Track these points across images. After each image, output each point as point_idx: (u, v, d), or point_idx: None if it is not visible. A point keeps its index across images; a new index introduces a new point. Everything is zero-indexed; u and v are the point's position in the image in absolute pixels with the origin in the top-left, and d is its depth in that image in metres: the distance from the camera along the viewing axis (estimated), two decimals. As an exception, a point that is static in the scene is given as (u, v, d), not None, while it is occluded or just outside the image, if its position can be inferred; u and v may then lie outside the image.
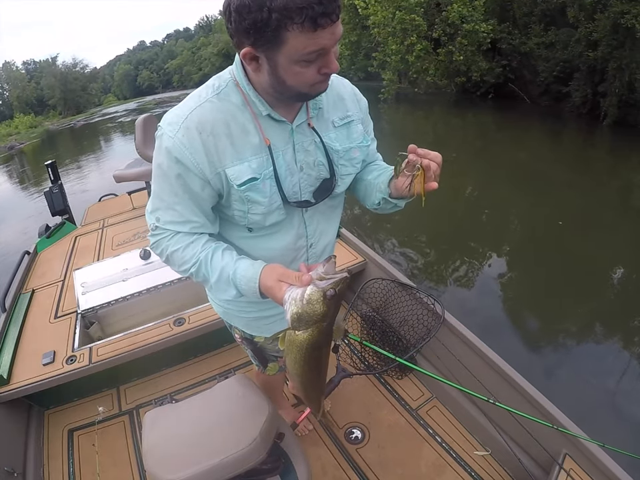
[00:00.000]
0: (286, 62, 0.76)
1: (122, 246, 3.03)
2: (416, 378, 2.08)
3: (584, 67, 10.68)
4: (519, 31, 13.10)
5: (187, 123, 0.86)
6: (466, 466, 1.68)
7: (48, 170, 3.75)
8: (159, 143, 0.89)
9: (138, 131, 3.44)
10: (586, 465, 1.39)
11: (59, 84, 42.65)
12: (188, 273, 0.94)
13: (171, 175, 0.89)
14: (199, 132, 0.85)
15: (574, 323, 3.72)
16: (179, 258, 0.93)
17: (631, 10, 8.60)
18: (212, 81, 0.93)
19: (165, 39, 76.79)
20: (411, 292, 2.16)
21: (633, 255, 4.68)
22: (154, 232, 0.95)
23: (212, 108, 0.87)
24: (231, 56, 7.78)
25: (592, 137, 10.10)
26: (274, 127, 0.91)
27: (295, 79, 0.79)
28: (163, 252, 0.95)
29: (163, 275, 2.42)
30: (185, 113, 0.87)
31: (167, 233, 0.94)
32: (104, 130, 23.28)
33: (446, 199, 6.26)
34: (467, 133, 11.57)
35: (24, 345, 2.13)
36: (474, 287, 4.28)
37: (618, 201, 6.30)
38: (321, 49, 0.74)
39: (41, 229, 3.49)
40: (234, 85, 0.89)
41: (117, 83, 69.54)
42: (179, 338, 2.03)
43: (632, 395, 2.84)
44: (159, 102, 34.64)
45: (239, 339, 1.31)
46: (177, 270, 0.97)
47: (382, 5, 13.88)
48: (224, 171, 0.88)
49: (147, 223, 0.97)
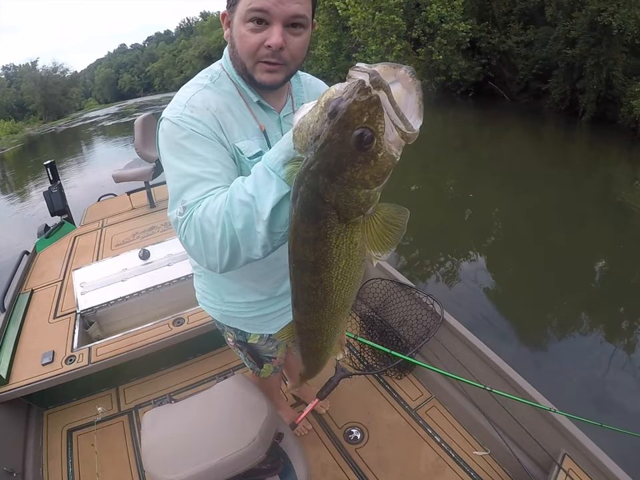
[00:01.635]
0: (238, 21, 0.81)
1: (121, 246, 3.03)
2: (415, 378, 2.08)
3: (562, 64, 10.87)
4: (498, 29, 13.30)
5: (192, 102, 0.86)
6: (465, 466, 1.68)
7: (47, 170, 3.74)
8: (166, 130, 0.85)
9: (137, 131, 3.44)
10: (585, 465, 1.39)
11: (39, 89, 41.96)
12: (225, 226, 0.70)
13: (187, 145, 0.82)
14: (206, 108, 0.87)
15: (559, 313, 3.82)
16: (210, 212, 0.72)
17: (607, 8, 8.77)
18: (204, 73, 0.95)
19: (145, 42, 76.37)
20: (410, 292, 2.16)
21: (613, 246, 4.86)
22: (183, 215, 0.77)
23: (212, 92, 0.90)
24: (212, 58, 7.77)
25: (571, 132, 10.26)
26: (264, 114, 0.95)
27: (240, 42, 0.83)
28: (195, 225, 0.74)
29: (162, 275, 2.42)
30: (186, 97, 0.88)
31: (196, 205, 0.77)
32: (85, 135, 22.95)
33: (427, 197, 6.37)
34: (448, 131, 11.71)
35: (23, 344, 2.13)
36: (458, 282, 4.35)
37: (598, 194, 6.42)
38: (262, 10, 0.77)
39: (40, 228, 3.49)
40: (225, 75, 0.93)
41: (98, 87, 69.13)
42: (178, 338, 2.03)
43: (617, 379, 2.95)
44: (141, 105, 34.42)
45: (232, 342, 1.31)
46: (214, 243, 0.72)
47: (362, 5, 14.12)
48: (234, 144, 0.89)
49: (146, 224, 0.96)
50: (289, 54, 0.82)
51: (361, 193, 0.48)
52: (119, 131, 20.84)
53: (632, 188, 6.89)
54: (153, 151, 3.44)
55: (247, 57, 0.83)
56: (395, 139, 0.44)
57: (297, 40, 0.82)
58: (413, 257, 4.90)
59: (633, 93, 8.98)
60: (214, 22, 50.14)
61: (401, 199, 0.93)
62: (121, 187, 4.20)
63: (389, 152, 0.45)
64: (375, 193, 0.49)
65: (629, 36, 8.91)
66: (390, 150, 0.45)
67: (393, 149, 0.45)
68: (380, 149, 0.44)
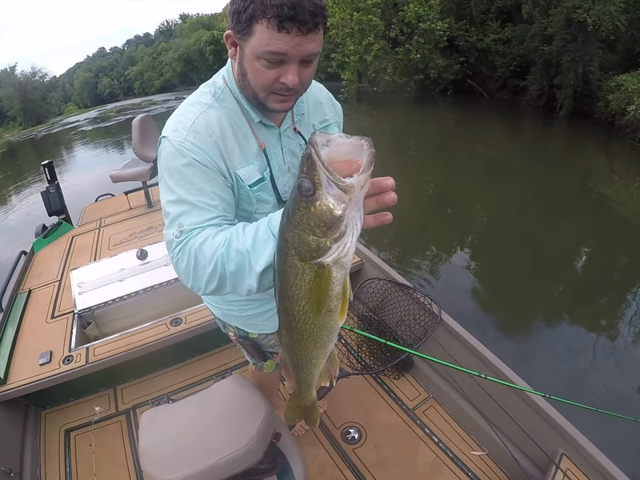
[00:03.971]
0: (250, 54, 0.79)
1: (119, 246, 3.03)
2: (412, 378, 2.08)
3: (539, 61, 11.09)
4: (476, 28, 13.50)
5: (195, 127, 0.87)
6: (463, 466, 1.68)
7: (45, 170, 3.73)
8: (168, 152, 0.86)
9: (135, 131, 3.44)
10: (582, 465, 1.39)
11: (18, 94, 41.06)
12: (218, 264, 0.75)
13: (187, 173, 0.85)
14: (209, 134, 0.87)
15: (542, 305, 3.91)
16: (207, 248, 0.76)
17: (582, 4, 8.94)
18: (206, 87, 0.95)
19: (125, 45, 74.89)
20: (408, 292, 2.16)
21: (592, 237, 5.05)
22: (179, 239, 0.81)
23: (215, 113, 0.90)
24: (192, 60, 7.73)
25: (549, 128, 10.43)
26: (265, 131, 0.96)
27: (254, 75, 0.83)
28: (189, 252, 0.79)
29: (159, 275, 2.42)
30: (190, 119, 0.88)
31: (194, 233, 0.81)
32: (66, 140, 22.55)
33: (408, 194, 6.42)
34: (427, 129, 11.85)
35: (21, 344, 2.12)
36: (441, 277, 4.42)
37: (576, 187, 6.57)
38: (280, 54, 0.76)
39: (38, 228, 3.48)
40: (229, 92, 0.93)
41: (78, 92, 67.89)
42: (176, 338, 2.02)
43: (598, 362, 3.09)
44: (121, 109, 33.87)
45: (234, 337, 1.33)
46: (203, 273, 0.77)
47: (340, 6, 14.32)
48: (235, 172, 0.91)
49: (144, 224, 0.97)
50: (300, 84, 0.83)
51: (310, 239, 0.52)
52: (98, 135, 20.72)
53: (609, 180, 7.09)
54: (150, 150, 3.43)
55: (261, 89, 0.84)
56: (336, 192, 0.49)
57: (309, 70, 0.83)
58: (396, 256, 4.95)
59: (609, 87, 9.16)
60: (193, 24, 49.52)
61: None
62: (119, 187, 4.19)
63: (326, 203, 0.49)
64: (325, 243, 0.52)
65: (604, 32, 9.08)
66: (327, 201, 0.50)
67: (331, 201, 0.50)
68: (317, 198, 0.50)
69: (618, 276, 4.41)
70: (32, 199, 9.69)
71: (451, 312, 1.98)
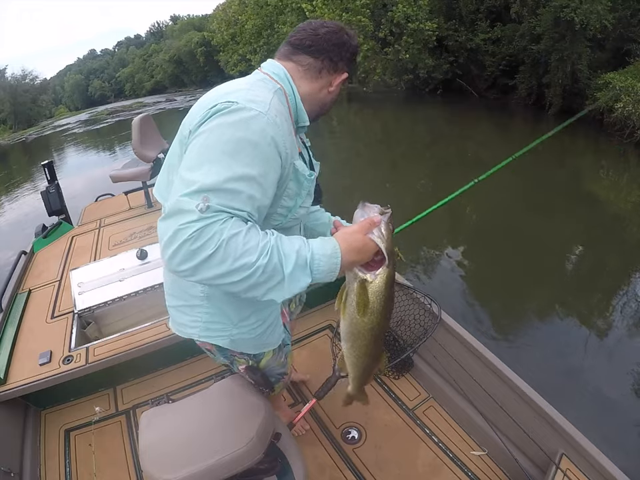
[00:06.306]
0: (339, 83, 1.03)
1: (119, 246, 3.02)
2: (412, 378, 2.08)
3: (528, 60, 11.23)
4: (465, 28, 13.58)
5: (275, 105, 0.87)
6: (462, 466, 1.68)
7: (45, 170, 3.73)
8: (246, 118, 0.79)
9: (135, 131, 3.43)
10: (582, 465, 1.39)
11: (9, 97, 40.49)
12: (252, 267, 0.73)
13: (255, 154, 0.79)
14: (285, 119, 0.90)
15: (535, 302, 3.94)
16: (239, 245, 0.73)
17: (569, 3, 9.04)
18: (260, 78, 0.95)
19: (115, 47, 74.41)
20: (408, 292, 2.16)
21: (582, 234, 5.13)
22: (204, 214, 0.72)
23: (278, 103, 0.91)
24: (183, 62, 7.70)
25: (539, 126, 10.45)
26: (297, 138, 1.03)
27: (333, 102, 1.07)
28: (212, 237, 0.72)
29: (159, 275, 2.39)
30: (267, 97, 0.87)
31: (223, 217, 0.74)
32: (57, 143, 22.41)
33: (399, 193, 6.50)
34: (417, 129, 11.90)
35: (20, 344, 2.12)
36: (434, 276, 4.46)
37: (566, 184, 6.65)
38: None
39: (38, 228, 3.48)
40: (282, 94, 0.94)
41: (68, 94, 67.81)
42: (176, 338, 2.00)
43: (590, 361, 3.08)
44: (112, 112, 33.69)
45: (243, 369, 1.29)
46: (229, 267, 0.73)
47: (329, 7, 14.42)
48: (293, 162, 0.92)
49: (144, 224, 0.97)
50: None
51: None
52: (90, 138, 20.66)
53: (598, 177, 7.16)
54: (150, 150, 3.43)
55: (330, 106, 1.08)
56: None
57: None
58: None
59: (597, 85, 9.21)
60: (184, 25, 49.56)
61: (374, 196, 1.02)
62: (119, 187, 4.19)
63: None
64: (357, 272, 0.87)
65: (592, 31, 9.16)
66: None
67: None
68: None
69: (612, 268, 4.47)
70: (16, 211, 9.38)
71: (448, 311, 1.98)
